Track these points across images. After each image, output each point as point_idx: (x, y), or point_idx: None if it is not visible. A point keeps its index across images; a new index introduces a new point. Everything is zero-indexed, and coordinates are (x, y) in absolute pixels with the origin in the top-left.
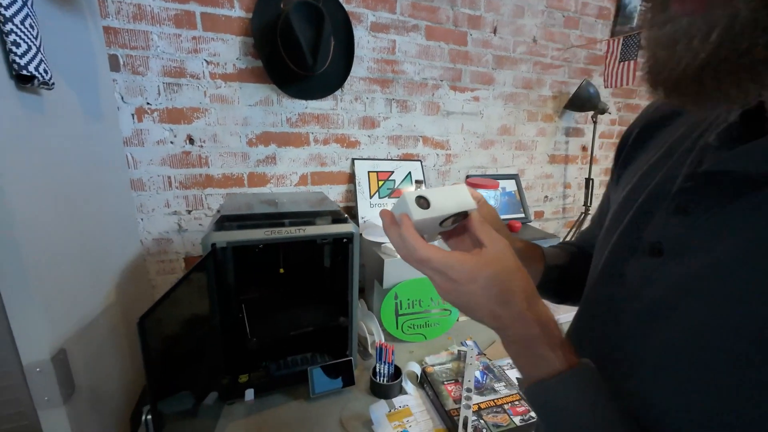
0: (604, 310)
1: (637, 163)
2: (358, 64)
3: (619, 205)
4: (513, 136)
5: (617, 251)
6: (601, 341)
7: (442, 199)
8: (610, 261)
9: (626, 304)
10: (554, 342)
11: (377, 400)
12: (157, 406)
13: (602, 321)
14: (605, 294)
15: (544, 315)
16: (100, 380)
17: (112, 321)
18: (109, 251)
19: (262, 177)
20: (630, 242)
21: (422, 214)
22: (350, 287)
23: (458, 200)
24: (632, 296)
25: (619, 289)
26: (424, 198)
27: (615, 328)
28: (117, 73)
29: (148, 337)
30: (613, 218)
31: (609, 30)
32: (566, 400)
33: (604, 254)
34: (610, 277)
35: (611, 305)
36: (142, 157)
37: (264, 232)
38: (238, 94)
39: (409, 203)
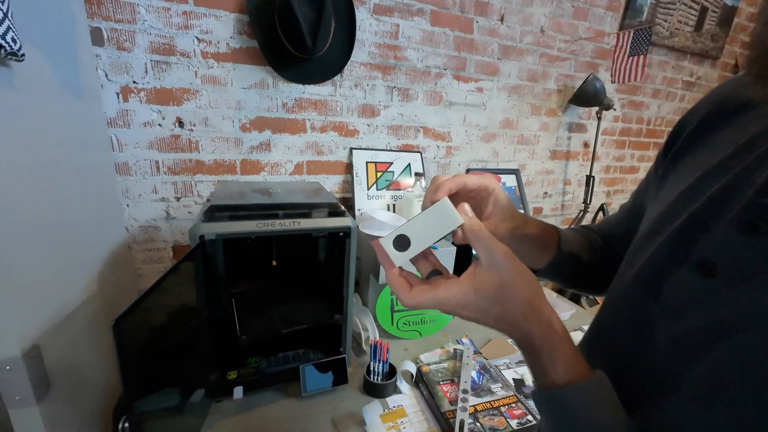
0: (634, 323)
1: (695, 160)
2: (359, 48)
3: (668, 206)
4: (515, 130)
5: (658, 260)
6: (625, 356)
7: (423, 229)
8: (647, 270)
9: (664, 322)
10: (555, 355)
11: (371, 399)
12: (134, 413)
13: (629, 335)
14: (637, 305)
15: (547, 324)
16: (79, 376)
17: (92, 312)
18: (90, 239)
19: (256, 164)
20: (675, 253)
21: (404, 256)
22: (346, 284)
23: (442, 222)
24: (672, 315)
25: (655, 304)
26: (402, 237)
27: (646, 345)
28: (100, 48)
29: (125, 339)
30: (657, 220)
31: (618, 23)
32: (567, 412)
33: (641, 260)
34: (645, 287)
35: (644, 320)
36: (127, 139)
37: (256, 224)
38: (231, 75)
39: (387, 249)
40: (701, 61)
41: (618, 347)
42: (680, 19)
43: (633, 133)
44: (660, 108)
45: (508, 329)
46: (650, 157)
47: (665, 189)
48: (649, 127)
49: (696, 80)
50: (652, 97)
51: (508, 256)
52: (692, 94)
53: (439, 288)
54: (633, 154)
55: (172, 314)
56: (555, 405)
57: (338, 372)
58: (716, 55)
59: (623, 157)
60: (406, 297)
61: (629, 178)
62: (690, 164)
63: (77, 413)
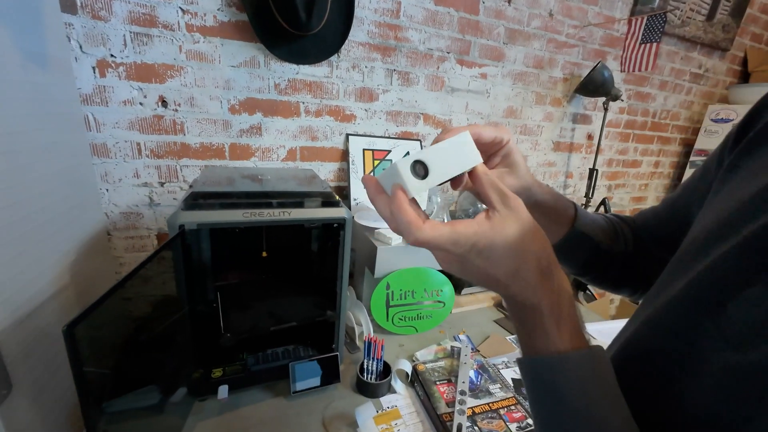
0: (682, 346)
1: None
2: (358, 26)
3: (741, 204)
4: (519, 119)
5: (723, 272)
6: (666, 383)
7: (442, 161)
8: (706, 282)
9: (724, 352)
10: (562, 319)
11: (363, 398)
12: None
13: (674, 359)
14: (689, 324)
15: (558, 287)
16: (46, 374)
17: (64, 305)
18: (63, 225)
19: (246, 149)
20: (750, 265)
21: (420, 185)
22: (340, 278)
23: (460, 157)
24: (737, 344)
25: (715, 328)
26: (421, 163)
27: (694, 376)
28: (73, 16)
29: (80, 345)
30: (724, 221)
31: (629, 9)
32: (563, 383)
33: (697, 268)
34: (702, 304)
35: (696, 344)
36: (105, 118)
37: (242, 213)
38: (219, 51)
39: (403, 173)
40: (710, 52)
41: (658, 372)
42: (692, 7)
43: (638, 125)
44: (666, 100)
45: (518, 287)
46: (653, 151)
47: (734, 183)
48: (654, 120)
49: (704, 72)
50: (659, 89)
51: (523, 207)
52: (699, 87)
53: (458, 224)
54: (636, 147)
55: (151, 308)
56: (553, 373)
57: (330, 370)
58: (726, 47)
59: (626, 151)
60: (418, 229)
61: (631, 172)
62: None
63: (44, 414)
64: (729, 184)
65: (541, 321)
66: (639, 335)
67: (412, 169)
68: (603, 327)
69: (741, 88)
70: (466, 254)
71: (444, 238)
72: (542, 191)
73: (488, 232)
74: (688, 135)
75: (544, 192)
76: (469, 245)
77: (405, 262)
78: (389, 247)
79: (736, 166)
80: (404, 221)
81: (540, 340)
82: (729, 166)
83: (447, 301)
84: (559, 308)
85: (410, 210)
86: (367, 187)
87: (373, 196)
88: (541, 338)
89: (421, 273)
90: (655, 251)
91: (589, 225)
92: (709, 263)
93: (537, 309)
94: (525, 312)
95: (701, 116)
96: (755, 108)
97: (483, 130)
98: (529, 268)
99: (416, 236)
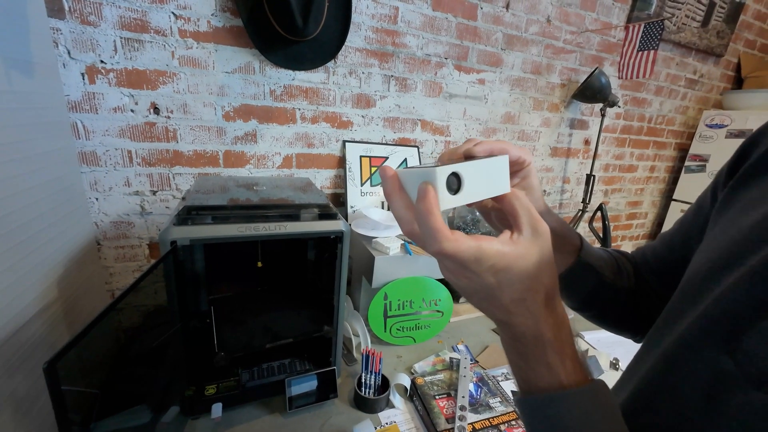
0: (699, 384)
1: None
2: (355, 32)
3: (744, 233)
4: (517, 125)
5: (732, 303)
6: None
7: (476, 180)
8: (717, 313)
9: (743, 389)
10: (565, 351)
11: (361, 413)
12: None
13: (692, 398)
14: (704, 361)
15: (561, 319)
16: (30, 394)
17: (51, 321)
18: (52, 237)
19: (240, 156)
20: (757, 296)
21: (450, 200)
22: (337, 291)
23: (494, 181)
24: (757, 381)
25: (731, 363)
26: (457, 177)
27: (716, 416)
28: (61, 21)
29: (63, 381)
30: (727, 251)
31: (626, 15)
32: (569, 420)
33: (704, 301)
34: (715, 338)
35: (714, 381)
36: (95, 126)
37: (237, 228)
38: (213, 57)
39: (439, 183)
40: (705, 58)
41: (675, 411)
42: (687, 13)
43: (634, 131)
44: (662, 106)
45: (522, 316)
46: (649, 156)
47: (732, 215)
48: (650, 125)
49: (699, 78)
50: (655, 94)
51: (548, 235)
52: (694, 93)
53: (482, 240)
54: (633, 152)
55: (142, 321)
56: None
57: (327, 385)
58: (720, 53)
59: (623, 156)
60: (446, 239)
61: (627, 177)
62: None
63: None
64: (726, 216)
65: (543, 354)
66: (653, 374)
67: (448, 179)
68: (601, 336)
69: (734, 94)
70: (482, 272)
71: (470, 253)
72: (552, 219)
73: (509, 255)
74: (683, 140)
75: (554, 219)
76: (489, 264)
77: (403, 271)
78: (387, 257)
79: (732, 199)
80: (432, 228)
81: (543, 374)
82: (724, 200)
83: (445, 311)
84: (561, 341)
85: (440, 216)
86: (386, 181)
87: (391, 191)
88: (545, 372)
89: (419, 282)
90: (656, 287)
91: (594, 256)
92: (718, 294)
93: (539, 341)
94: (525, 344)
95: (696, 121)
96: (745, 145)
97: (511, 148)
98: (536, 299)
99: (443, 246)
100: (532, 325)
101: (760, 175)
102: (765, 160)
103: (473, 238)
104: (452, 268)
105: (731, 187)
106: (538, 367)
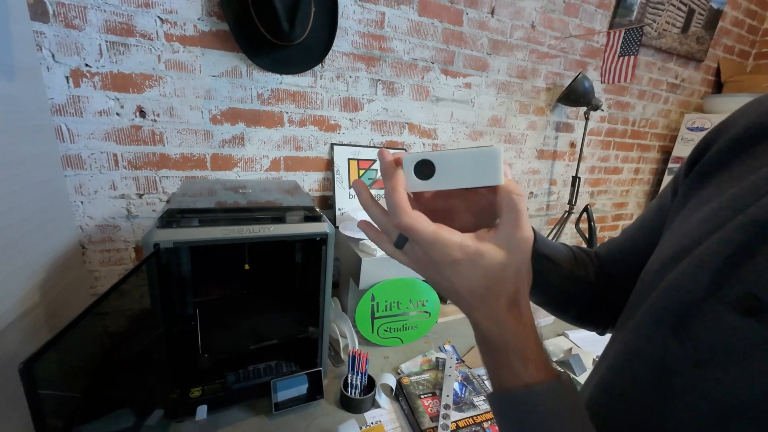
0: (654, 370)
1: (728, 177)
2: (342, 36)
3: (692, 228)
4: (503, 128)
5: (679, 293)
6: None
7: (454, 167)
8: (663, 302)
9: (691, 372)
10: (527, 355)
11: (347, 414)
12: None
13: (649, 383)
14: (656, 347)
15: (524, 322)
16: (14, 400)
17: (32, 326)
18: (35, 241)
19: (228, 160)
20: (703, 284)
21: (417, 184)
22: (322, 293)
23: (482, 170)
24: (702, 363)
25: (679, 347)
26: (428, 163)
27: (670, 399)
28: (45, 25)
29: (41, 385)
30: (677, 245)
31: (608, 21)
32: (533, 416)
33: (655, 292)
34: (665, 325)
35: (666, 366)
36: (80, 129)
37: (222, 230)
38: (199, 61)
39: (405, 168)
40: (686, 63)
41: (638, 397)
42: (668, 20)
43: (618, 133)
44: (645, 109)
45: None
46: (633, 158)
47: (687, 209)
48: (634, 128)
49: (680, 82)
50: (638, 98)
51: (530, 240)
52: (676, 97)
53: (444, 227)
54: (617, 155)
55: (126, 324)
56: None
57: (313, 386)
58: (701, 58)
59: (608, 158)
60: (404, 213)
61: (613, 179)
62: (723, 182)
63: None
64: (682, 213)
65: (506, 357)
66: (614, 361)
67: (417, 166)
68: (585, 335)
69: (714, 98)
70: (440, 260)
71: (426, 232)
72: None
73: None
74: (666, 142)
75: None
76: (445, 252)
77: (390, 273)
78: (374, 259)
79: (688, 195)
80: (394, 202)
81: (507, 376)
82: (682, 196)
83: (432, 312)
84: (523, 346)
85: (404, 194)
86: (360, 193)
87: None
88: (508, 374)
89: (407, 283)
90: (622, 282)
91: (549, 248)
92: (667, 285)
93: (502, 345)
94: (491, 346)
95: (678, 124)
96: (701, 144)
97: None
98: (498, 302)
99: (402, 219)
100: (495, 329)
101: (713, 172)
102: (718, 157)
103: (435, 224)
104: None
105: (687, 184)
106: (502, 369)
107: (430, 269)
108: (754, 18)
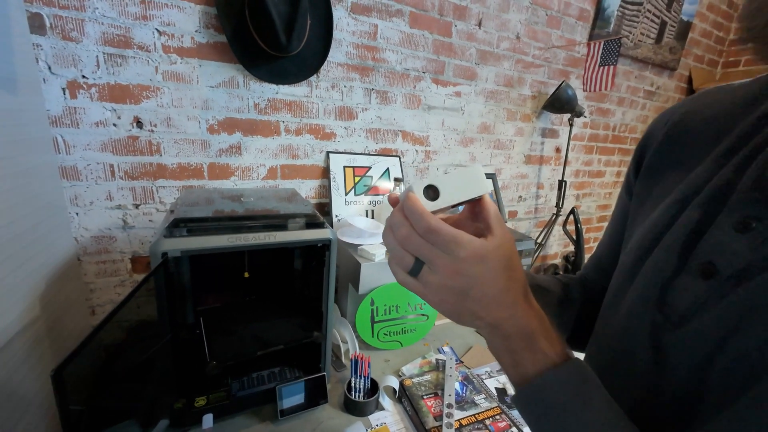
0: (645, 340)
1: (672, 172)
2: (337, 48)
3: (654, 222)
4: (492, 134)
5: (656, 274)
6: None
7: (452, 187)
8: (646, 285)
9: (671, 332)
10: (552, 336)
11: (352, 417)
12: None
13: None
14: (642, 324)
15: (537, 307)
16: (16, 414)
17: (34, 338)
18: (33, 254)
19: (225, 169)
20: (673, 263)
21: (429, 205)
22: (325, 298)
23: (471, 185)
24: (677, 322)
25: (661, 315)
26: (432, 187)
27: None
28: (42, 37)
29: (68, 388)
30: (647, 236)
31: (588, 33)
32: (563, 394)
33: (636, 279)
34: (646, 303)
35: (653, 334)
36: (76, 140)
37: (227, 238)
38: (197, 72)
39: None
40: (660, 72)
41: (638, 368)
42: (643, 31)
43: (600, 138)
44: (624, 115)
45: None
46: (615, 162)
47: (647, 206)
48: (615, 133)
49: (656, 90)
50: (617, 105)
51: (513, 238)
52: (652, 103)
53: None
54: (600, 159)
55: (129, 334)
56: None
57: (317, 391)
58: (674, 67)
59: (591, 162)
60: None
61: (596, 181)
62: (668, 177)
63: None
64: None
65: (532, 343)
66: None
67: (425, 191)
68: None
69: None
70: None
71: (450, 234)
72: None
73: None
74: None
75: None
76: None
77: (388, 277)
78: (373, 263)
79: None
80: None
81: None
82: (638, 195)
83: (430, 314)
84: (546, 327)
85: (416, 199)
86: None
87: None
88: (539, 358)
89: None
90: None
91: (539, 279)
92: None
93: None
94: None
95: None
96: (648, 134)
97: None
98: (518, 291)
99: (429, 222)
100: (522, 318)
101: (666, 162)
102: (666, 149)
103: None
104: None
105: (641, 183)
106: (531, 355)
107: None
108: (720, 30)
